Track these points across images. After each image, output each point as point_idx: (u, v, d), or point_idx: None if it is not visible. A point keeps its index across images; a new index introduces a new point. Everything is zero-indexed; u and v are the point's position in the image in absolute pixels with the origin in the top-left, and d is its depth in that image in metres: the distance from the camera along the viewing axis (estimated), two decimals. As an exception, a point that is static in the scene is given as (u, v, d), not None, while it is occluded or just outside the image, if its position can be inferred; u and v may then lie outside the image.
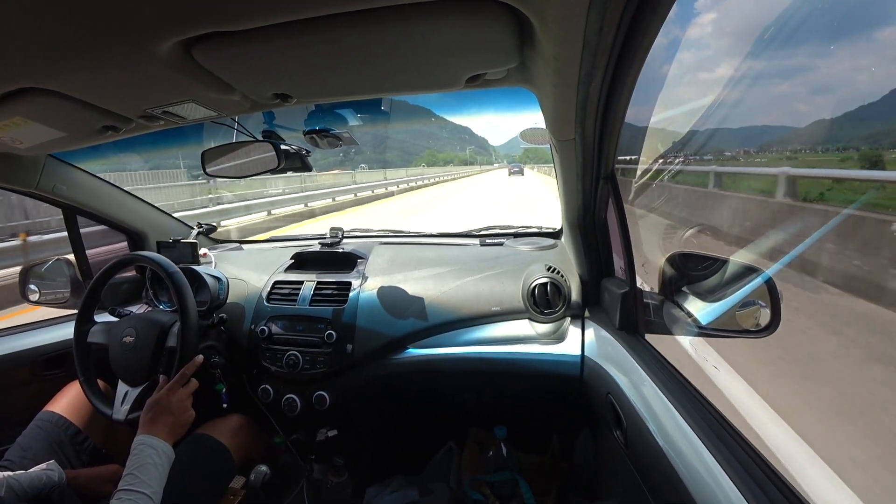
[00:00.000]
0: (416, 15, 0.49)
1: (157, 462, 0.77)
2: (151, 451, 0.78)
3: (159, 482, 0.75)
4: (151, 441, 0.80)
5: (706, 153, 6.77)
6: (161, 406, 0.86)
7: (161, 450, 0.79)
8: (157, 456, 0.78)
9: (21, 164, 1.04)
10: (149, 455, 0.77)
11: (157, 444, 0.79)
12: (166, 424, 0.84)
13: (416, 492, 1.13)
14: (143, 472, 0.74)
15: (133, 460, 0.76)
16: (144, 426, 0.83)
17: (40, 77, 0.59)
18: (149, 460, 0.76)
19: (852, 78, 11.91)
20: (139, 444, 0.79)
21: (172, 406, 0.86)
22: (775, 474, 0.51)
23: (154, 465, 0.76)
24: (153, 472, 0.75)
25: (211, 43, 0.53)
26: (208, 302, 1.17)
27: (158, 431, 0.82)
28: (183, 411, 0.87)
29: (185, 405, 0.88)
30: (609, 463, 0.95)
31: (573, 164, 0.88)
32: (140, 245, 1.43)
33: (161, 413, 0.85)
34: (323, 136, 1.01)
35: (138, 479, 0.73)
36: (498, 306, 1.10)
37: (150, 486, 0.72)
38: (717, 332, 0.78)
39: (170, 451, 0.81)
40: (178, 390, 0.89)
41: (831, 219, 3.99)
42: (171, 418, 0.85)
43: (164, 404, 0.86)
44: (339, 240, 1.38)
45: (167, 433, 0.83)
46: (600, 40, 0.50)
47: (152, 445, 0.79)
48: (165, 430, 0.83)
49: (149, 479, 0.73)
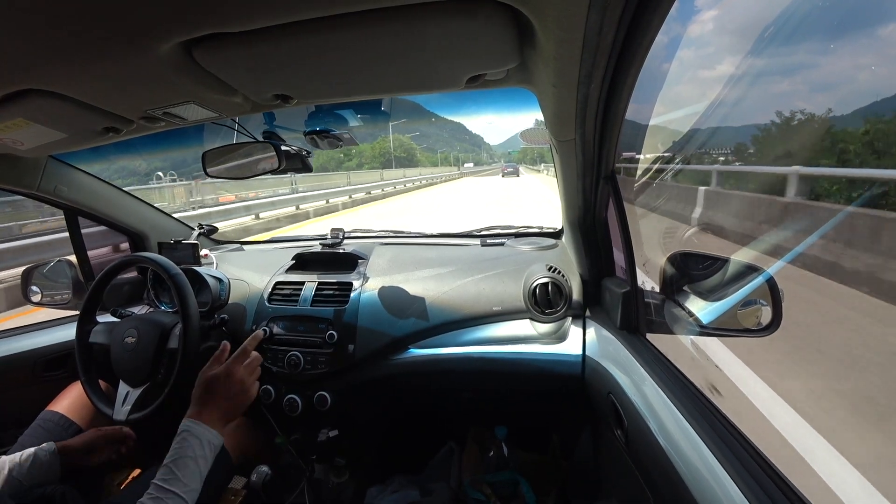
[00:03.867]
0: (417, 16, 0.49)
1: (199, 455, 0.67)
2: (194, 442, 0.67)
3: (198, 478, 0.66)
4: (196, 429, 0.69)
5: (707, 152, 6.79)
6: (216, 384, 0.73)
7: (206, 440, 0.69)
8: (200, 447, 0.67)
9: (22, 166, 1.04)
10: (190, 446, 0.67)
11: (203, 432, 0.69)
12: (218, 407, 0.72)
13: (417, 492, 1.13)
14: (181, 467, 0.64)
15: (173, 450, 0.67)
16: (194, 407, 0.72)
17: (41, 79, 0.59)
18: (189, 452, 0.67)
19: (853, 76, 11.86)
20: (182, 430, 0.69)
21: (230, 385, 0.74)
22: (776, 473, 0.51)
23: (194, 458, 0.66)
24: (192, 468, 0.65)
25: (211, 44, 0.53)
26: (209, 303, 1.17)
27: (208, 415, 0.71)
28: (242, 392, 0.75)
29: (245, 384, 0.76)
30: (610, 462, 0.95)
31: (574, 164, 0.88)
32: (141, 246, 1.43)
33: (215, 393, 0.73)
34: (323, 136, 1.01)
35: (173, 475, 0.63)
36: (499, 306, 1.10)
37: (186, 483, 0.63)
38: (718, 332, 0.78)
39: (217, 440, 0.70)
40: (240, 366, 0.76)
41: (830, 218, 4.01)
42: (225, 401, 0.73)
43: (219, 382, 0.73)
44: (339, 240, 1.38)
45: (218, 417, 0.72)
46: (600, 40, 0.50)
47: (196, 434, 0.69)
48: (217, 414, 0.71)
49: (185, 475, 0.64)
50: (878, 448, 1.60)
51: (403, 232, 1.63)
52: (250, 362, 0.79)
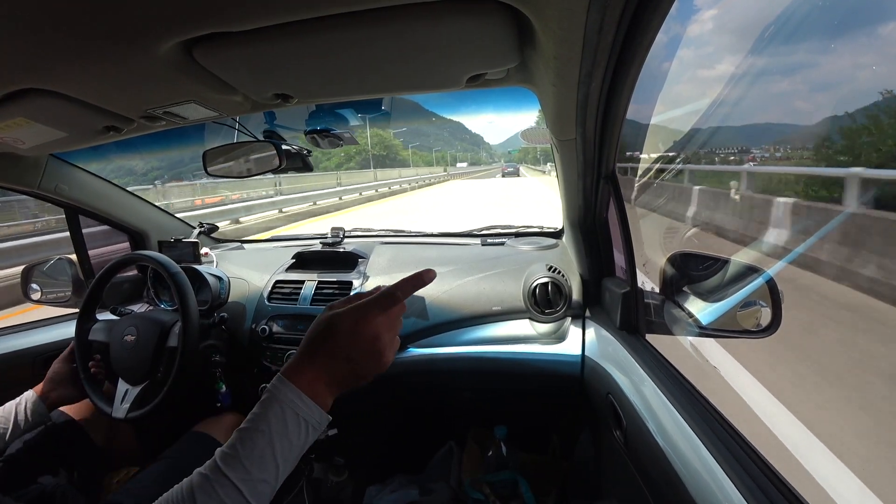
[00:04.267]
0: (417, 15, 0.49)
1: (276, 430, 0.44)
2: (272, 411, 0.44)
3: (267, 464, 0.43)
4: (282, 391, 0.45)
5: (708, 151, 6.79)
6: (341, 328, 0.48)
7: (301, 416, 0.44)
8: (281, 420, 0.44)
9: (23, 164, 1.05)
10: (264, 418, 0.44)
11: (299, 404, 0.45)
12: (334, 363, 0.47)
13: (417, 491, 1.13)
14: (245, 444, 0.43)
15: (250, 417, 0.45)
16: (296, 357, 0.48)
17: (42, 78, 0.60)
18: (261, 425, 0.43)
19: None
20: (269, 393, 0.45)
21: (362, 334, 0.48)
22: (774, 474, 0.51)
23: (267, 435, 0.43)
24: (259, 448, 0.43)
25: (212, 43, 0.53)
26: (209, 301, 1.17)
27: (313, 372, 0.46)
28: (373, 350, 0.48)
29: (381, 341, 0.49)
30: (609, 462, 0.95)
31: (574, 164, 0.88)
32: (141, 244, 1.43)
33: (335, 341, 0.48)
34: (324, 135, 1.02)
35: (234, 452, 0.42)
36: (499, 306, 1.10)
37: (246, 468, 0.42)
38: (717, 333, 0.78)
39: (318, 419, 0.46)
40: (381, 313, 0.49)
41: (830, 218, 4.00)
42: (346, 358, 0.47)
43: (345, 326, 0.48)
44: (340, 239, 1.39)
45: (329, 378, 0.47)
46: (600, 39, 0.50)
47: (279, 399, 0.44)
48: (329, 377, 0.47)
49: (248, 455, 0.42)
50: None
51: (404, 231, 1.63)
52: (395, 312, 0.51)
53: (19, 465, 0.91)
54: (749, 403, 1.86)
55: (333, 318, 0.49)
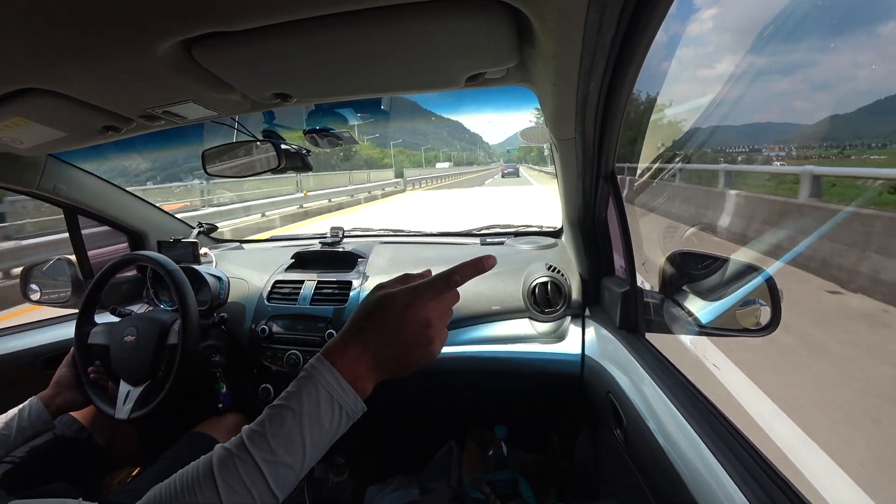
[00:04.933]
0: (416, 14, 0.49)
1: (307, 412, 0.41)
2: (307, 391, 0.42)
3: (295, 447, 0.40)
4: (321, 371, 0.43)
5: (707, 150, 6.73)
6: (391, 308, 0.45)
7: (336, 400, 0.42)
8: (313, 402, 0.41)
9: (22, 164, 1.04)
10: (307, 399, 0.41)
11: (335, 386, 0.42)
12: (379, 351, 0.45)
13: (417, 491, 1.13)
14: (274, 422, 0.40)
15: (283, 394, 0.42)
16: (340, 338, 0.45)
17: (40, 78, 0.59)
18: (293, 404, 0.41)
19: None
20: (305, 372, 0.43)
21: (413, 318, 0.45)
22: (775, 473, 0.51)
23: (297, 415, 0.41)
24: (288, 428, 0.40)
25: (211, 43, 0.53)
26: (209, 301, 1.17)
27: (357, 357, 0.44)
28: (423, 337, 0.46)
29: (432, 328, 0.46)
30: (609, 462, 0.95)
31: (573, 163, 0.88)
32: (141, 245, 1.43)
33: (383, 321, 0.45)
34: (323, 135, 1.02)
35: (262, 430, 0.40)
36: (498, 305, 1.10)
37: (272, 449, 0.39)
38: (717, 331, 0.78)
39: (353, 405, 0.43)
40: (435, 298, 0.47)
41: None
42: (394, 341, 0.45)
43: (397, 307, 0.45)
44: (339, 239, 1.39)
45: (371, 362, 0.44)
46: (600, 38, 0.50)
47: (319, 382, 0.42)
48: (372, 360, 0.44)
49: (276, 434, 0.40)
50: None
51: (403, 231, 1.63)
52: (449, 299, 0.49)
53: (24, 467, 0.91)
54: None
55: (385, 298, 0.46)
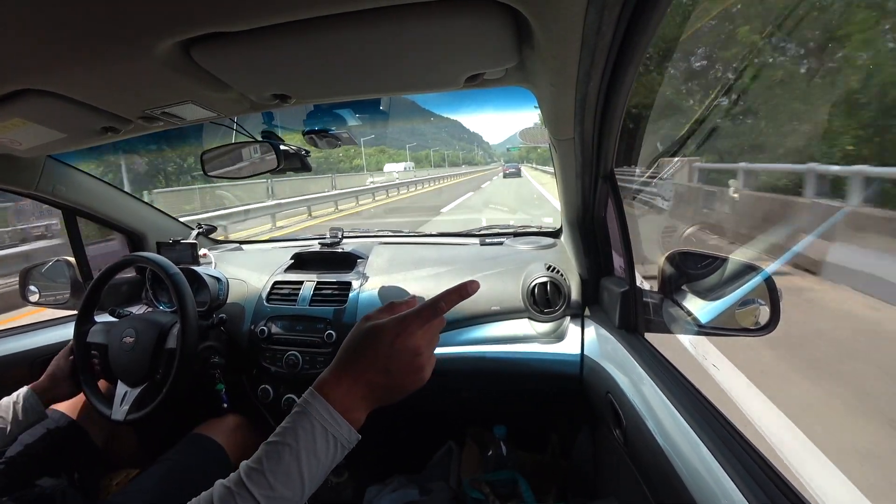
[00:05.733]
0: (415, 15, 0.49)
1: (303, 447, 0.43)
2: (302, 426, 0.44)
3: (292, 480, 0.42)
4: (314, 406, 0.45)
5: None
6: (380, 339, 0.46)
7: (329, 433, 0.44)
8: (310, 436, 0.43)
9: (20, 166, 1.04)
10: (302, 434, 0.43)
11: (329, 420, 0.44)
12: (371, 381, 0.46)
13: (416, 491, 1.13)
14: (271, 459, 0.42)
15: (279, 430, 0.44)
16: (331, 372, 0.47)
17: (39, 79, 0.59)
18: (289, 440, 0.43)
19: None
20: (299, 408, 0.45)
21: (402, 347, 0.46)
22: (774, 472, 0.51)
23: (293, 450, 0.42)
24: (286, 463, 0.42)
25: (209, 43, 0.53)
26: (208, 302, 1.17)
27: (348, 385, 0.46)
28: (413, 365, 0.47)
29: (422, 355, 0.48)
30: (608, 461, 0.95)
31: (572, 163, 0.88)
32: (140, 246, 1.43)
33: (373, 353, 0.46)
34: (322, 136, 1.02)
35: (259, 467, 0.42)
36: (497, 306, 1.10)
37: (270, 484, 0.41)
38: (716, 331, 0.78)
39: (347, 437, 0.46)
40: (422, 326, 0.48)
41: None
42: (388, 371, 0.46)
43: (386, 338, 0.46)
44: (338, 240, 1.38)
45: (363, 392, 0.46)
46: (598, 39, 0.50)
47: (310, 414, 0.44)
48: (364, 390, 0.46)
49: (274, 470, 0.42)
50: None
51: (402, 231, 1.63)
52: (436, 326, 0.50)
53: (19, 467, 0.90)
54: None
55: (374, 329, 0.47)
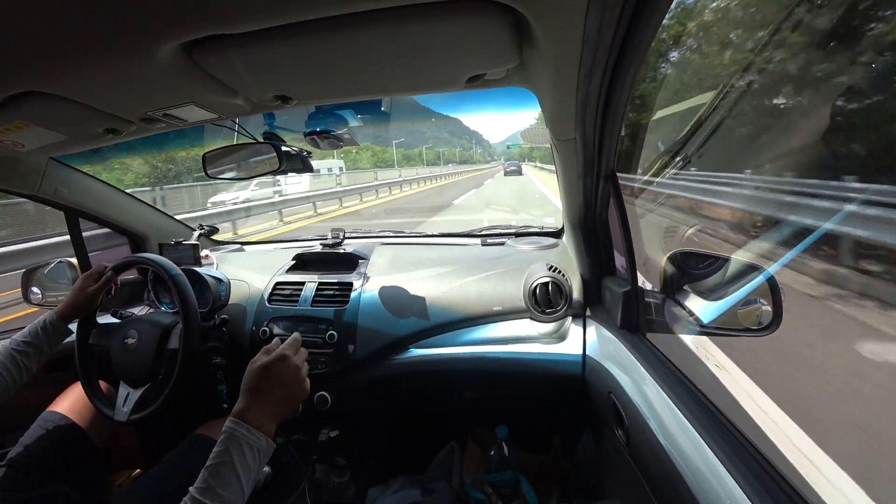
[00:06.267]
0: (416, 16, 0.49)
1: (238, 461, 0.57)
2: (233, 447, 0.58)
3: (237, 488, 0.56)
4: (238, 431, 0.59)
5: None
6: (270, 373, 0.65)
7: (254, 447, 0.59)
8: (240, 453, 0.58)
9: (23, 167, 1.04)
10: (227, 452, 0.57)
11: (251, 437, 0.59)
12: (271, 401, 0.64)
13: (419, 491, 1.13)
14: (214, 476, 0.56)
15: (212, 454, 0.58)
16: (241, 402, 0.63)
17: (41, 81, 0.60)
18: (225, 458, 0.57)
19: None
20: (227, 433, 0.59)
21: (285, 374, 0.66)
22: (778, 472, 0.51)
23: (231, 465, 0.57)
24: (227, 477, 0.56)
25: (211, 45, 0.53)
26: (210, 303, 1.17)
27: (258, 411, 0.62)
28: (297, 382, 0.68)
29: (301, 374, 0.69)
30: (611, 462, 0.95)
31: (574, 164, 0.88)
32: (142, 247, 1.43)
33: (268, 384, 0.64)
34: (324, 136, 1.02)
35: (207, 484, 0.55)
36: (499, 306, 1.10)
37: (220, 494, 0.55)
38: (718, 331, 0.78)
39: (263, 444, 0.61)
40: (294, 354, 0.69)
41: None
42: (280, 394, 0.65)
43: (274, 371, 0.65)
44: (340, 240, 1.38)
45: (270, 414, 0.63)
46: (599, 39, 0.50)
47: (237, 438, 0.59)
48: (269, 410, 0.63)
49: (220, 483, 0.55)
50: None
51: (404, 232, 1.63)
52: (302, 353, 0.72)
53: (20, 469, 0.91)
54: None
55: (265, 365, 0.66)
